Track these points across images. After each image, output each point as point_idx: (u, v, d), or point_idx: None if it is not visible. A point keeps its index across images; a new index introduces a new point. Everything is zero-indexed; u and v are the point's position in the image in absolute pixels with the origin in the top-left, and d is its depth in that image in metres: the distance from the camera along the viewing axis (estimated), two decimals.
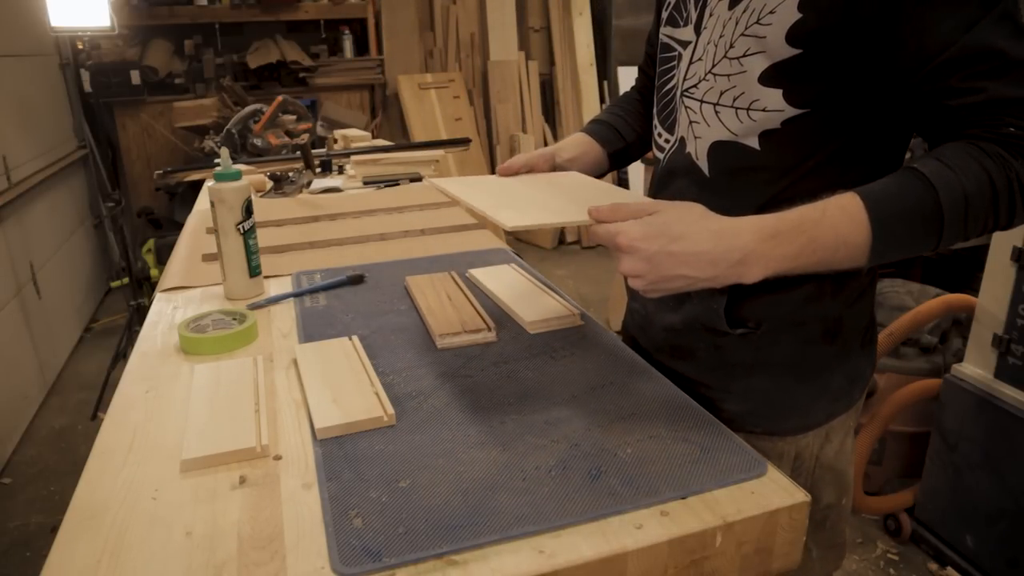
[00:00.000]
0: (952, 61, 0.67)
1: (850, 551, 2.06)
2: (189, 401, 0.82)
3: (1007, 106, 0.67)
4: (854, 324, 0.87)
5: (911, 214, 0.68)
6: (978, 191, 0.67)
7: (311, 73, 4.50)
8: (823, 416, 0.89)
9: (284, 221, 1.58)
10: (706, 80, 0.84)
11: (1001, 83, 0.66)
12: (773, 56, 0.76)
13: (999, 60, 0.66)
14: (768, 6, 0.75)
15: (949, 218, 0.67)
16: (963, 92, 0.68)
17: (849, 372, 0.89)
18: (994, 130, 0.67)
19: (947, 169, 0.67)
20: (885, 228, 0.68)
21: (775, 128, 0.79)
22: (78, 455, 2.62)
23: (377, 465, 0.69)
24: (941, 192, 0.67)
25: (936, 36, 0.67)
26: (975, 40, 0.66)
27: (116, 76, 4.06)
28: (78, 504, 0.66)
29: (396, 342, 0.96)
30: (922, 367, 2.09)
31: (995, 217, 0.68)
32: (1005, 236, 1.71)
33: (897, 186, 0.69)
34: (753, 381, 0.87)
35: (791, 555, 0.66)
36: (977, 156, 0.67)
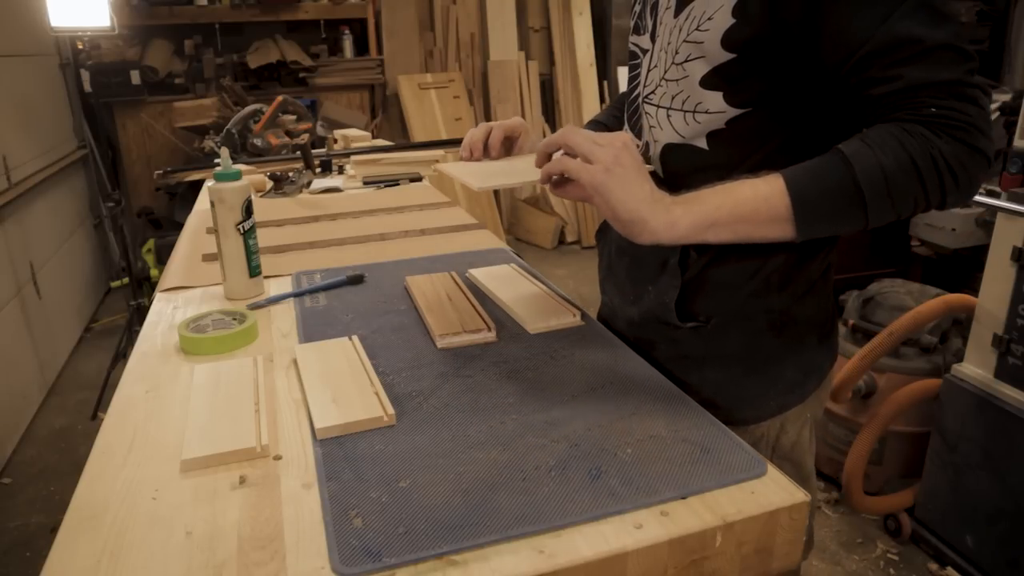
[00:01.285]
0: (872, 53, 0.70)
1: (850, 551, 2.06)
2: (189, 401, 0.82)
3: (926, 89, 0.69)
4: (805, 318, 0.90)
5: (828, 187, 0.72)
6: (898, 167, 0.70)
7: (311, 73, 4.51)
8: (775, 407, 0.92)
9: (284, 221, 1.58)
10: (661, 86, 0.89)
11: (919, 68, 0.69)
12: (712, 61, 0.80)
13: (916, 46, 0.69)
14: (706, 13, 0.80)
15: (869, 193, 0.71)
16: (884, 80, 0.71)
17: (803, 365, 0.92)
18: (917, 111, 0.70)
19: (866, 147, 0.71)
20: (804, 192, 0.72)
21: (720, 128, 0.83)
22: (78, 455, 2.62)
23: (377, 465, 0.69)
24: (857, 167, 0.70)
25: (855, 31, 0.71)
26: (891, 30, 0.69)
27: (116, 76, 4.06)
28: (78, 504, 0.66)
29: (396, 342, 0.96)
30: (922, 367, 2.09)
31: (925, 194, 0.71)
32: (1005, 236, 1.71)
33: (816, 163, 0.74)
34: (706, 372, 0.91)
35: (791, 555, 0.66)
36: (898, 135, 0.70)
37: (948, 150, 0.69)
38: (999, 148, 3.32)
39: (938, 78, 0.69)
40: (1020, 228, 1.68)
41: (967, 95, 0.70)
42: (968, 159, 0.70)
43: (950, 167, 0.70)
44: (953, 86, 0.69)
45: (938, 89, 0.69)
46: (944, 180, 0.70)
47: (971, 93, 0.70)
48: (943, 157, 0.69)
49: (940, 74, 0.69)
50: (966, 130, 0.69)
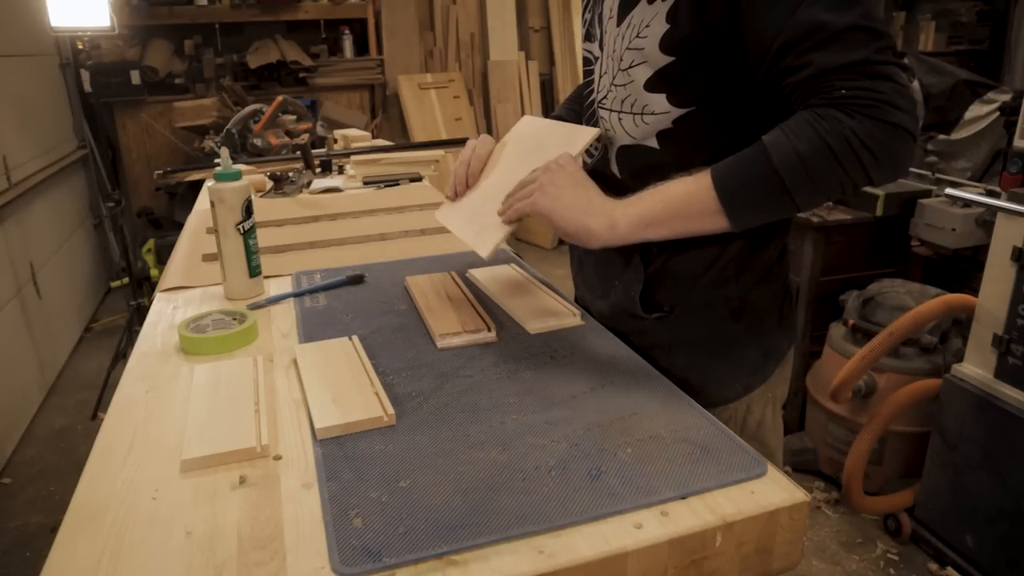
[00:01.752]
0: (785, 44, 0.73)
1: (850, 551, 2.06)
2: (189, 401, 0.82)
3: (836, 72, 0.72)
4: (763, 303, 0.95)
5: (751, 176, 0.76)
6: (813, 151, 0.73)
7: (311, 73, 4.50)
8: (740, 388, 0.97)
9: (284, 221, 1.58)
10: (612, 91, 0.93)
11: (827, 52, 0.72)
12: (653, 65, 0.85)
13: (823, 32, 0.71)
14: (644, 20, 0.84)
15: (789, 178, 0.74)
16: (797, 68, 0.74)
17: (763, 347, 0.97)
18: (828, 95, 0.72)
19: (783, 135, 0.74)
20: (728, 185, 0.77)
21: (668, 127, 0.88)
22: (78, 455, 2.62)
23: (377, 465, 0.69)
24: (774, 154, 0.74)
25: (769, 25, 0.74)
26: (799, 20, 0.72)
27: (116, 76, 4.06)
28: (78, 504, 0.66)
29: (396, 342, 0.96)
30: (922, 367, 2.09)
31: (845, 172, 0.73)
32: (1005, 236, 1.71)
33: (740, 155, 0.78)
34: (674, 359, 0.95)
35: (791, 555, 0.66)
36: (811, 120, 0.73)
37: (861, 129, 0.71)
38: (999, 148, 3.32)
39: (846, 60, 0.71)
40: (1020, 228, 1.68)
41: (879, 72, 0.71)
42: (883, 135, 0.72)
43: (865, 145, 0.72)
44: (863, 65, 0.71)
45: (847, 70, 0.71)
46: (862, 158, 0.72)
47: (883, 70, 0.71)
48: (856, 136, 0.71)
49: (848, 56, 0.71)
50: (878, 107, 0.71)
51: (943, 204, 2.48)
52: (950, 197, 2.39)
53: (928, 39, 5.27)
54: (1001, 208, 1.74)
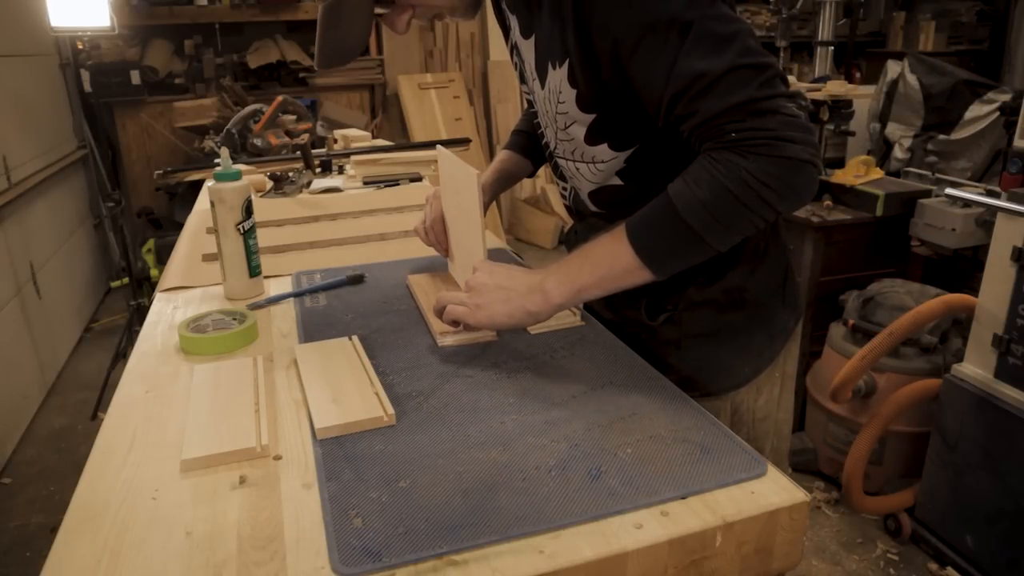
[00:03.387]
0: (673, 96, 0.75)
1: (850, 551, 2.06)
2: (189, 401, 0.82)
3: (723, 115, 0.73)
4: (762, 288, 0.97)
5: (662, 230, 0.78)
6: (712, 195, 0.74)
7: (311, 73, 4.50)
8: (750, 372, 0.99)
9: (284, 221, 1.58)
10: (559, 144, 0.97)
11: (710, 99, 0.73)
12: (583, 123, 0.89)
13: (704, 80, 0.73)
14: (556, 87, 0.88)
15: (698, 225, 0.76)
16: (687, 117, 0.76)
17: (770, 330, 0.99)
18: (720, 139, 0.74)
19: (684, 185, 0.76)
20: (643, 241, 0.78)
21: (624, 167, 0.91)
22: (78, 455, 2.62)
23: (377, 465, 0.69)
24: (679, 205, 0.76)
25: (654, 82, 0.76)
26: (679, 72, 0.74)
27: (116, 76, 4.06)
28: (78, 504, 0.66)
29: (396, 342, 0.96)
30: (922, 367, 2.09)
31: (748, 210, 0.75)
32: (1005, 236, 1.71)
33: (650, 208, 0.79)
34: (683, 353, 0.98)
35: (791, 555, 0.66)
36: (709, 166, 0.75)
37: (756, 168, 0.73)
38: (999, 148, 3.32)
39: (730, 103, 0.72)
40: (1020, 228, 1.68)
41: (764, 108, 0.72)
42: (779, 170, 0.73)
43: (763, 183, 0.73)
44: (746, 105, 0.72)
45: (734, 112, 0.73)
46: (763, 195, 0.74)
47: (767, 106, 0.72)
48: (752, 176, 0.73)
49: (731, 98, 0.72)
50: (768, 143, 0.72)
51: (943, 204, 2.48)
52: (950, 197, 2.39)
53: (928, 39, 5.27)
54: (1001, 208, 1.74)
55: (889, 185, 2.69)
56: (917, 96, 3.49)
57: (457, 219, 1.07)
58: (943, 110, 3.42)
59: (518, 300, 0.84)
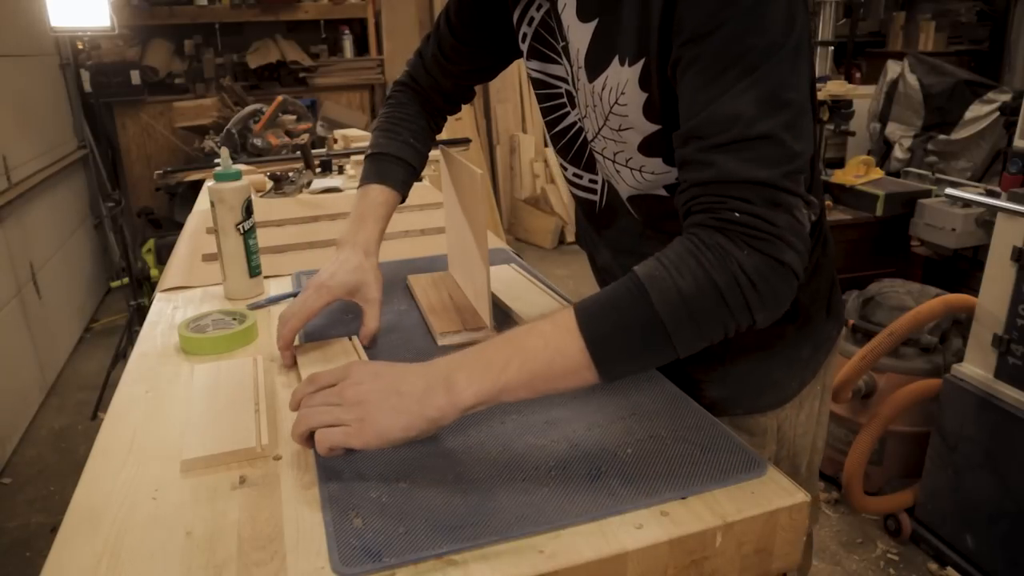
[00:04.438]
0: (693, 129, 0.65)
1: (850, 551, 2.06)
2: (189, 401, 0.82)
3: (736, 186, 0.63)
4: (812, 298, 0.91)
5: (625, 320, 0.63)
6: (696, 289, 0.62)
7: (311, 73, 4.51)
8: (796, 386, 0.94)
9: (284, 221, 1.58)
10: (598, 139, 0.85)
11: (733, 158, 0.62)
12: (642, 131, 0.77)
13: (736, 133, 0.63)
14: (620, 86, 0.76)
15: (669, 320, 0.62)
16: (696, 165, 0.65)
17: (815, 341, 0.93)
18: (717, 214, 0.63)
19: (662, 268, 0.63)
20: (599, 337, 0.63)
21: (674, 183, 0.78)
22: (78, 455, 2.62)
23: (377, 465, 0.69)
24: (652, 294, 0.62)
25: (690, 104, 0.66)
26: (716, 110, 0.63)
27: (116, 76, 4.06)
28: (78, 504, 0.66)
29: (396, 342, 0.96)
30: (922, 367, 2.09)
31: (731, 313, 0.63)
32: (1005, 236, 1.71)
33: (611, 292, 0.65)
34: (728, 367, 0.91)
35: (791, 555, 0.66)
36: (695, 251, 0.63)
37: (748, 263, 0.62)
38: (999, 148, 3.32)
39: (750, 175, 0.62)
40: (1020, 228, 1.68)
41: (780, 201, 0.63)
42: (771, 272, 0.63)
43: (752, 282, 0.62)
44: (764, 187, 0.62)
45: (748, 188, 0.62)
46: (748, 297, 0.63)
47: (785, 200, 0.63)
48: (743, 271, 0.62)
49: (755, 171, 0.62)
50: (769, 241, 0.62)
51: (943, 204, 2.49)
52: (950, 197, 2.39)
53: (928, 39, 5.27)
54: (1001, 208, 1.74)
55: (889, 185, 2.69)
56: (917, 96, 3.49)
57: (458, 219, 1.06)
58: (943, 110, 3.43)
59: (414, 406, 0.64)
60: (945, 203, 2.48)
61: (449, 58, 1.03)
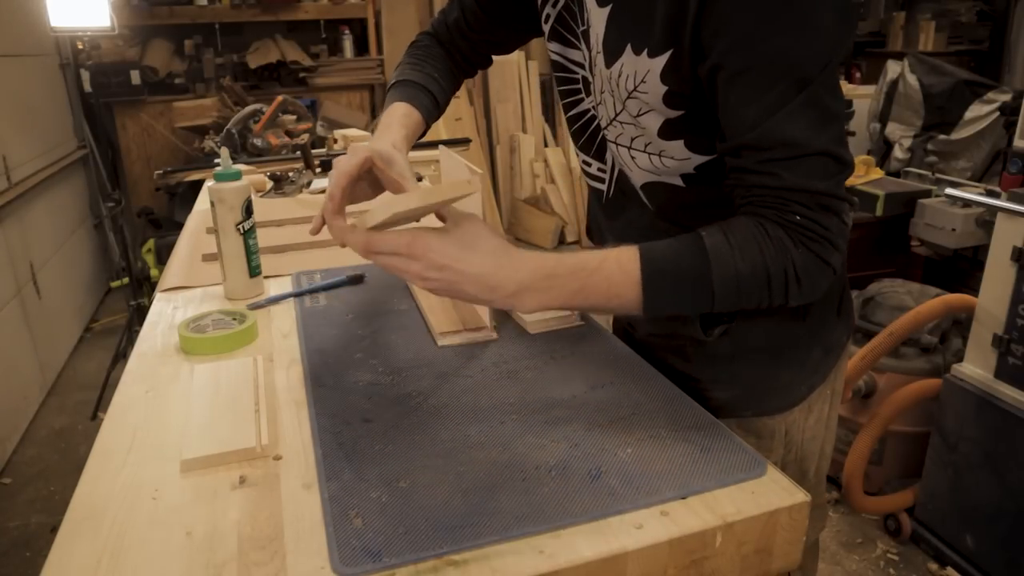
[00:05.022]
0: (753, 144, 0.70)
1: (850, 551, 2.06)
2: (189, 401, 0.82)
3: (798, 194, 0.70)
4: (824, 300, 0.90)
5: (682, 279, 0.72)
6: (751, 273, 0.71)
7: (311, 73, 4.50)
8: (805, 389, 0.93)
9: (284, 221, 1.58)
10: (613, 126, 0.87)
11: (794, 172, 0.69)
12: (663, 114, 0.79)
13: (795, 150, 0.69)
14: (639, 75, 0.78)
15: (720, 291, 0.72)
16: (760, 173, 0.71)
17: (825, 343, 0.93)
18: (782, 215, 0.71)
19: (728, 246, 0.71)
20: (656, 290, 0.72)
21: (691, 172, 0.83)
22: (78, 455, 2.62)
23: (377, 465, 0.69)
24: (714, 268, 0.71)
25: (740, 119, 0.70)
26: (775, 128, 0.69)
27: (116, 76, 4.06)
28: (78, 504, 0.66)
29: (396, 342, 0.96)
30: (922, 367, 2.09)
31: (769, 298, 0.73)
32: (1005, 236, 1.71)
33: (677, 252, 0.73)
34: (736, 368, 0.91)
35: (791, 555, 0.66)
36: (760, 239, 0.71)
37: (800, 261, 0.71)
38: (999, 148, 3.32)
39: (811, 187, 0.70)
40: (1020, 228, 1.68)
41: (832, 207, 0.71)
42: (816, 270, 0.72)
43: (798, 277, 0.72)
44: (822, 196, 0.70)
45: (808, 197, 0.70)
46: (790, 288, 0.72)
47: (836, 206, 0.71)
48: (794, 267, 0.71)
49: (813, 183, 0.70)
50: (821, 243, 0.71)
51: (943, 204, 2.49)
52: (950, 197, 2.39)
53: (928, 39, 5.27)
54: (1001, 208, 1.74)
55: (889, 185, 2.69)
56: (917, 96, 3.49)
57: None
58: (943, 110, 3.42)
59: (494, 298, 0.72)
60: (945, 203, 2.48)
61: (470, 25, 1.06)
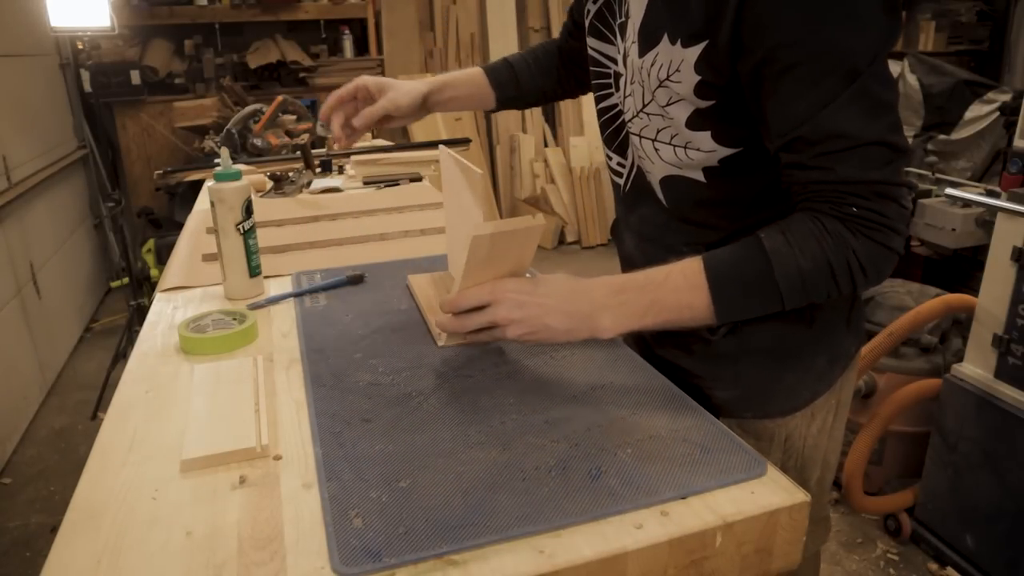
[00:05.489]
0: (803, 139, 0.71)
1: (850, 551, 2.06)
2: (189, 401, 0.82)
3: (853, 185, 0.71)
4: (833, 307, 0.91)
5: (749, 285, 0.74)
6: (814, 268, 0.72)
7: (311, 73, 4.50)
8: (808, 395, 0.93)
9: (284, 221, 1.58)
10: (639, 118, 0.87)
11: (848, 164, 0.70)
12: (693, 104, 0.80)
13: (848, 142, 0.69)
14: (673, 64, 0.78)
15: (786, 290, 0.73)
16: (814, 168, 0.72)
17: (832, 352, 0.93)
18: (839, 208, 0.72)
19: (787, 245, 0.73)
20: (724, 296, 0.75)
21: (715, 165, 0.83)
22: (78, 455, 2.62)
23: (377, 465, 0.69)
24: (776, 268, 0.73)
25: (791, 113, 0.71)
26: (826, 121, 0.69)
27: (116, 76, 4.06)
28: (78, 504, 0.66)
29: (396, 342, 0.96)
30: (922, 367, 2.09)
31: (837, 289, 0.74)
32: (1005, 236, 1.71)
33: (739, 257, 0.75)
34: (740, 369, 0.92)
35: (791, 555, 0.66)
36: (818, 235, 0.72)
37: (862, 250, 0.72)
38: (999, 148, 3.32)
39: (866, 177, 0.70)
40: (1020, 228, 1.68)
41: (890, 194, 0.71)
42: (879, 257, 0.73)
43: (862, 266, 0.72)
44: (879, 185, 0.71)
45: (864, 187, 0.71)
46: (855, 278, 0.73)
47: (894, 192, 0.71)
48: (856, 257, 0.72)
49: (868, 173, 0.70)
50: (882, 231, 0.72)
51: (943, 204, 2.48)
52: (950, 197, 2.39)
53: (928, 39, 5.26)
54: (1001, 208, 1.74)
55: None
56: (917, 96, 3.49)
57: (459, 221, 1.06)
58: (943, 110, 3.42)
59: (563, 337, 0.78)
60: (945, 203, 2.48)
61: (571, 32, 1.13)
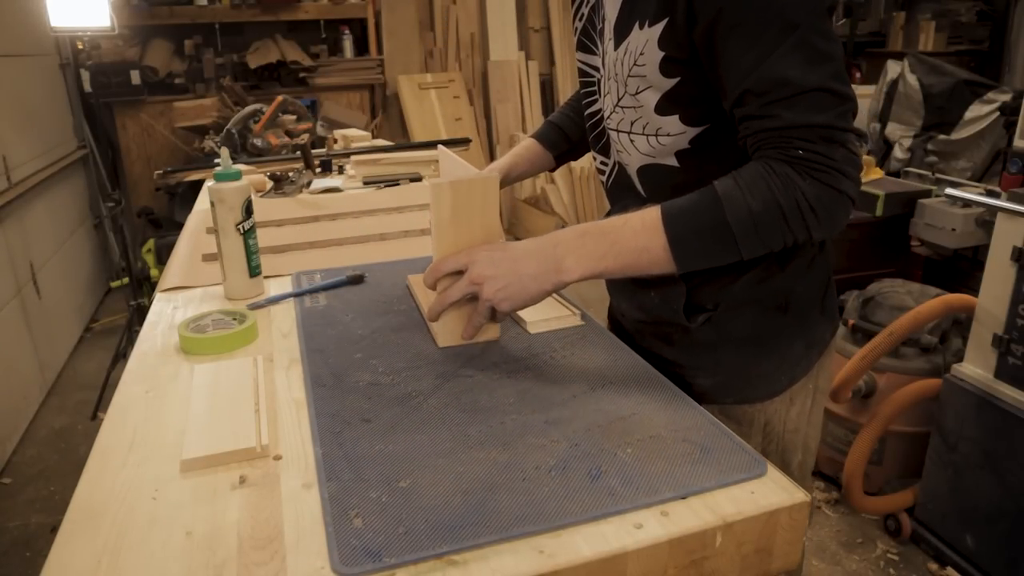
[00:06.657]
0: (750, 91, 0.75)
1: (850, 551, 2.06)
2: (189, 401, 0.82)
3: (797, 130, 0.74)
4: (807, 294, 0.95)
5: (702, 228, 0.78)
6: (764, 209, 0.75)
7: (311, 73, 4.50)
8: (785, 381, 0.96)
9: (284, 221, 1.58)
10: (616, 112, 0.93)
11: (792, 110, 0.74)
12: (660, 88, 0.85)
13: (790, 89, 0.73)
14: (639, 47, 0.84)
15: (739, 233, 0.76)
16: (759, 117, 0.76)
17: (807, 338, 0.96)
18: (785, 152, 0.75)
19: (737, 189, 0.76)
20: (680, 238, 0.78)
21: (686, 147, 0.88)
22: (78, 455, 2.62)
23: (377, 465, 0.69)
24: (728, 211, 0.76)
25: (738, 68, 0.75)
26: (768, 71, 0.73)
27: (116, 76, 4.06)
28: (78, 504, 0.66)
29: (396, 342, 0.96)
30: (922, 367, 2.09)
31: (790, 231, 0.77)
32: (1005, 236, 1.71)
33: (693, 202, 0.79)
34: (719, 356, 0.95)
35: (791, 555, 0.66)
36: (766, 176, 0.75)
37: (810, 191, 0.74)
38: (999, 148, 3.32)
39: (809, 121, 0.73)
40: (1020, 228, 1.68)
41: (835, 138, 0.74)
42: (829, 199, 0.75)
43: (812, 207, 0.75)
44: (823, 129, 0.73)
45: (809, 131, 0.74)
46: (807, 219, 0.76)
47: (840, 137, 0.74)
48: (805, 198, 0.75)
49: (811, 117, 0.73)
50: (829, 172, 0.74)
51: (943, 204, 2.49)
52: (950, 197, 2.39)
53: (928, 39, 5.26)
54: (1001, 208, 1.74)
55: (889, 185, 2.69)
56: (917, 96, 3.49)
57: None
58: (943, 110, 3.42)
59: (532, 285, 0.83)
60: (945, 203, 2.48)
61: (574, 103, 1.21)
